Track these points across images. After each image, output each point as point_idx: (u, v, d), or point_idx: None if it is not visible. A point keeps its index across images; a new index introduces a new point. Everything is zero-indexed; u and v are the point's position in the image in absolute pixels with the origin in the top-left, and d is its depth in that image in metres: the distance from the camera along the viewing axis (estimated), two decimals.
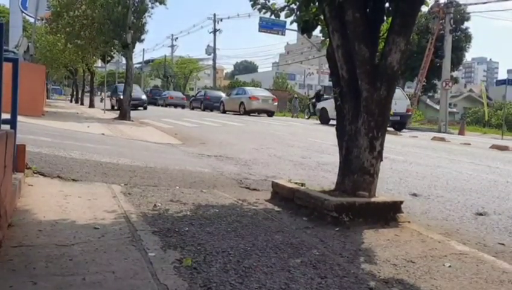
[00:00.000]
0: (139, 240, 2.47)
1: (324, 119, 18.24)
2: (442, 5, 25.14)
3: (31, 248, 2.24)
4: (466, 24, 35.32)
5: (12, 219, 2.62)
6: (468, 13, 33.76)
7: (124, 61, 19.80)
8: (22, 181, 3.39)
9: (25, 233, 2.45)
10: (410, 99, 20.40)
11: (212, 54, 46.96)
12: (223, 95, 29.85)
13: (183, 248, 2.39)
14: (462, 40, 34.70)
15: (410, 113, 18.79)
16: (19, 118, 3.73)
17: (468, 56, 57.03)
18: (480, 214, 3.92)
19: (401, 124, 17.71)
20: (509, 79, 21.53)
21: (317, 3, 3.70)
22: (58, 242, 2.34)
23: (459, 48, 33.35)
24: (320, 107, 18.97)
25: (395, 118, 17.15)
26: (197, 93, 37.27)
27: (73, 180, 4.01)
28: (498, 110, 32.33)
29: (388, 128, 14.09)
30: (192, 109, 31.51)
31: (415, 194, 4.59)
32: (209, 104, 29.42)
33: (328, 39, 3.85)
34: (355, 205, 3.17)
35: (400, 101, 17.02)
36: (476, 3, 35.71)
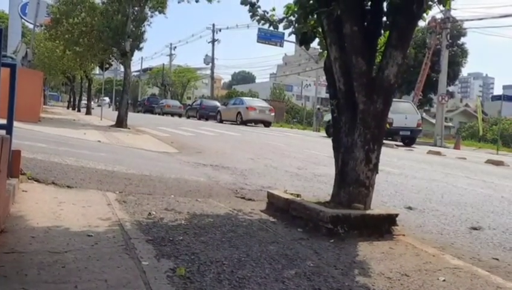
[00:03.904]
0: (133, 248, 2.46)
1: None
2: (439, 20, 25.41)
3: (23, 255, 2.22)
4: (462, 39, 35.69)
5: (5, 225, 2.60)
6: (465, 29, 34.09)
7: (122, 69, 19.84)
8: (16, 187, 3.37)
9: (17, 239, 2.43)
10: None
11: (210, 64, 47.15)
12: (219, 104, 30.13)
13: (176, 257, 2.38)
14: (458, 55, 35.01)
15: (420, 128, 17.95)
16: (15, 123, 3.72)
17: (464, 71, 57.53)
18: (475, 229, 3.92)
19: (411, 139, 17.18)
20: (505, 95, 21.70)
21: (315, 16, 3.73)
22: (51, 249, 2.32)
23: (455, 63, 33.63)
24: (327, 120, 18.12)
25: (406, 132, 16.65)
26: (193, 102, 37.50)
27: (67, 187, 3.99)
28: (493, 125, 32.55)
29: (398, 143, 14.07)
30: (188, 117, 31.79)
31: (410, 207, 4.59)
32: (204, 113, 29.82)
33: (325, 51, 3.88)
34: (350, 217, 3.17)
35: (410, 115, 16.63)
36: (472, 19, 36.29)
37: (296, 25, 3.91)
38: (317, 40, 4.11)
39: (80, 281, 1.96)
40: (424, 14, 3.68)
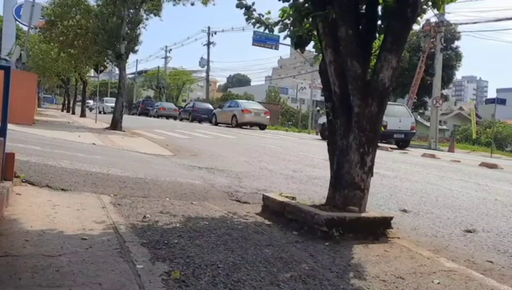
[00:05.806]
0: (128, 251, 2.45)
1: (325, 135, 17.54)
2: (433, 24, 25.61)
3: (17, 258, 2.20)
4: (457, 43, 35.96)
5: None
6: (459, 32, 34.38)
7: (117, 71, 19.81)
8: (10, 190, 3.35)
9: (11, 243, 2.41)
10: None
11: (206, 66, 47.21)
12: (211, 107, 30.34)
13: (171, 261, 2.37)
14: (452, 59, 35.24)
15: (414, 131, 18.05)
16: (9, 126, 3.70)
17: (459, 74, 58.14)
18: (469, 231, 3.93)
19: (405, 141, 17.31)
20: (499, 98, 21.90)
21: (310, 19, 3.74)
22: (45, 252, 2.31)
23: (449, 66, 33.85)
24: (322, 122, 18.11)
25: (400, 135, 16.77)
26: (186, 104, 37.62)
27: (62, 189, 3.97)
28: (487, 128, 32.77)
29: (392, 146, 13.98)
30: (181, 120, 31.93)
31: (404, 210, 4.60)
32: (197, 116, 30.05)
33: (320, 54, 3.89)
34: (345, 219, 3.18)
35: (404, 118, 16.76)
36: (466, 23, 36.50)
37: (292, 28, 3.92)
38: (312, 43, 4.13)
39: (74, 284, 1.94)
40: (419, 18, 3.69)
